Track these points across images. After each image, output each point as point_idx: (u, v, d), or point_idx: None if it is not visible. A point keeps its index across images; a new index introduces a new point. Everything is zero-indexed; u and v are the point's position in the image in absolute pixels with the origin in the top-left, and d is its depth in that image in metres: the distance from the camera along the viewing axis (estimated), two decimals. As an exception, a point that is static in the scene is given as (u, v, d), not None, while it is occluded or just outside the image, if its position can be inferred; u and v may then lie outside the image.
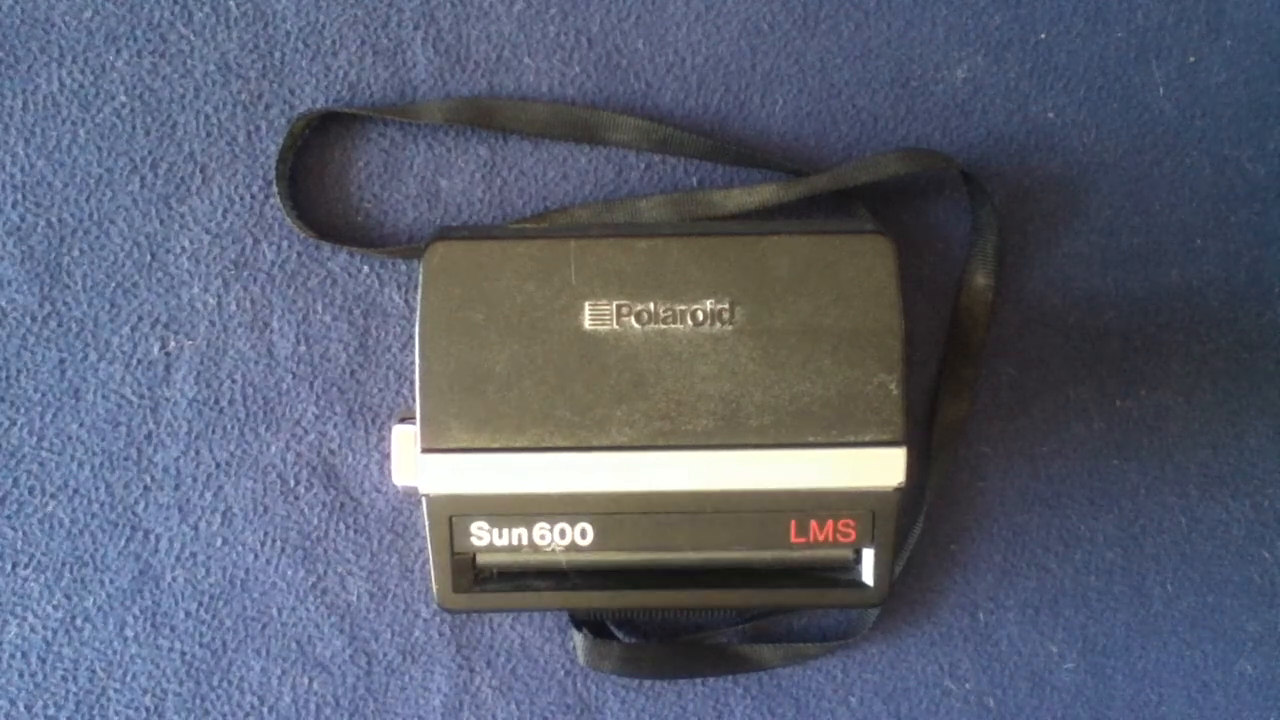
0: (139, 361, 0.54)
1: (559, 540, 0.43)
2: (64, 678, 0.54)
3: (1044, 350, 0.55)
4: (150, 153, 0.54)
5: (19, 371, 0.53)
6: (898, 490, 0.43)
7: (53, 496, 0.54)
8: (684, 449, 0.43)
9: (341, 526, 0.54)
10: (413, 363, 0.44)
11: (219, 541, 0.54)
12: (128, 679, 0.54)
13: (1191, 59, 0.56)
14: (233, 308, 0.54)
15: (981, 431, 0.55)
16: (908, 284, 0.54)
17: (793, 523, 0.43)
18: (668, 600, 0.45)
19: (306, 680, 0.54)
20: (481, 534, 0.44)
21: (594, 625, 0.54)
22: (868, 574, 0.44)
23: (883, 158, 0.53)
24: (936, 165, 0.53)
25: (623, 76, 0.55)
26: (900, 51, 0.55)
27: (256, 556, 0.54)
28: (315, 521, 0.54)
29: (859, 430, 0.43)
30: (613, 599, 0.45)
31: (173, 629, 0.54)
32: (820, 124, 0.55)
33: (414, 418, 0.43)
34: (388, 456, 0.54)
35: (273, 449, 0.54)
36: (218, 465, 0.54)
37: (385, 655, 0.54)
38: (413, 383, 0.44)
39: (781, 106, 0.55)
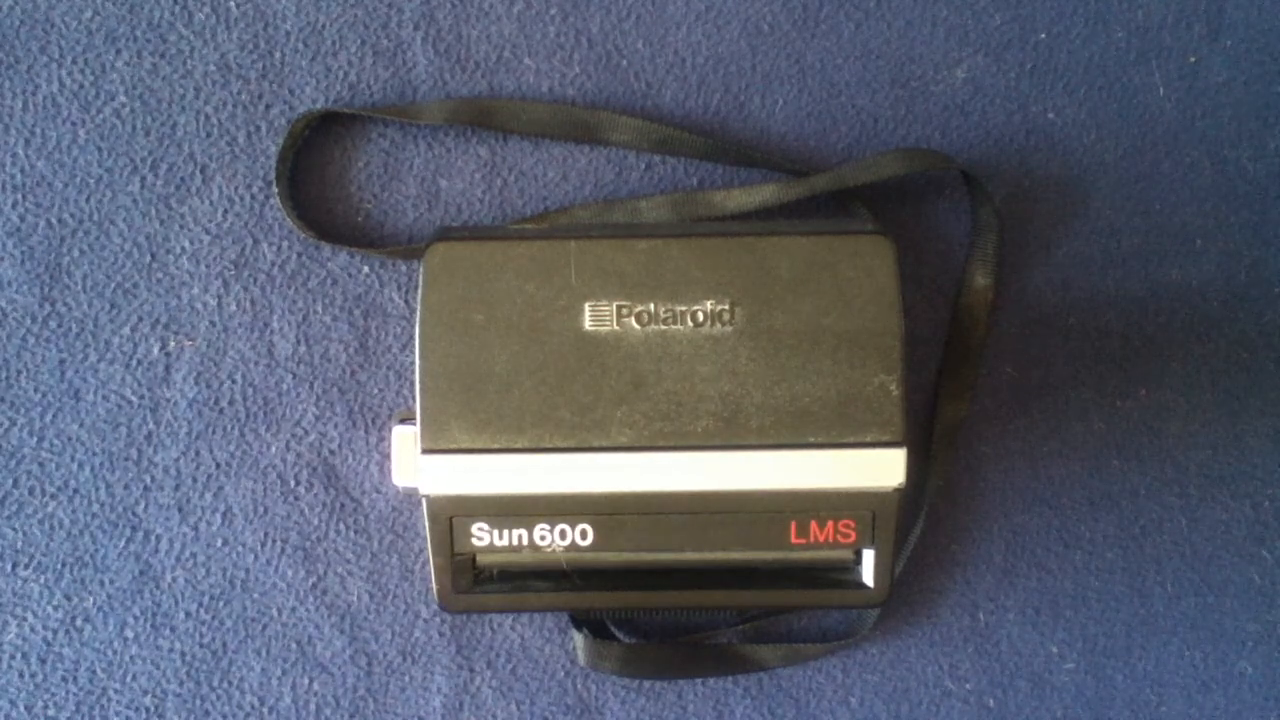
0: (139, 361, 0.54)
1: (559, 541, 0.43)
2: (64, 678, 0.54)
3: (1044, 350, 0.55)
4: (150, 153, 0.54)
5: (19, 371, 0.53)
6: (898, 490, 0.43)
7: (53, 496, 0.54)
8: (684, 449, 0.43)
9: (341, 527, 0.54)
10: (413, 363, 0.44)
11: (219, 541, 0.54)
12: (128, 679, 0.54)
13: (1191, 59, 0.56)
14: (233, 308, 0.54)
15: (981, 431, 0.55)
16: (908, 284, 0.54)
17: (793, 523, 0.43)
18: (668, 600, 0.45)
19: (306, 680, 0.54)
20: (482, 535, 0.43)
21: (594, 625, 0.54)
22: (868, 574, 0.44)
23: (883, 158, 0.53)
24: (936, 165, 0.53)
25: (623, 76, 0.55)
26: (900, 51, 0.55)
27: (256, 556, 0.54)
28: (315, 522, 0.54)
29: (859, 430, 0.43)
30: (613, 599, 0.45)
31: (173, 629, 0.54)
32: (820, 124, 0.55)
33: (414, 418, 0.43)
34: (388, 457, 0.54)
35: (273, 449, 0.54)
36: (218, 465, 0.54)
37: (385, 655, 0.54)
38: (413, 383, 0.44)
39: (781, 106, 0.55)
